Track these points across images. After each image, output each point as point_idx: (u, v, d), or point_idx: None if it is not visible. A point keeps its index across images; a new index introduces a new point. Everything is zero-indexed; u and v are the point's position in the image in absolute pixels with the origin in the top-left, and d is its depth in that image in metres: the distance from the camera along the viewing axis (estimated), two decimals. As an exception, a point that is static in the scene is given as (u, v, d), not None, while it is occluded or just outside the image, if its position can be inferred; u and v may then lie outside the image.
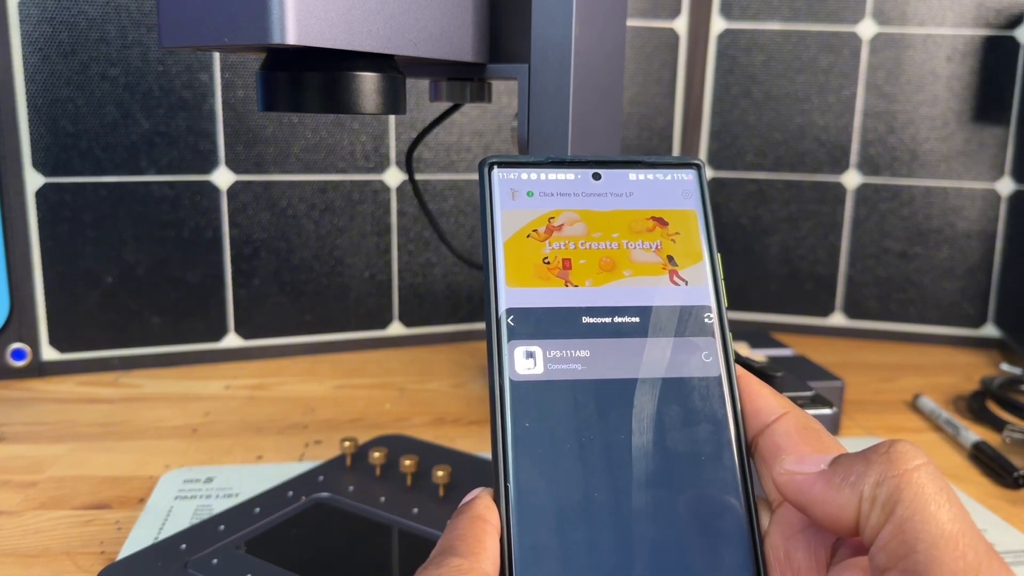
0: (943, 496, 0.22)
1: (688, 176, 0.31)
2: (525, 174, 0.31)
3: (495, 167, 0.30)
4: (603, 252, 0.30)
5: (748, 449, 0.28)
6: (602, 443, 0.27)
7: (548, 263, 0.29)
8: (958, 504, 0.22)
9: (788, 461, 0.26)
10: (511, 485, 0.26)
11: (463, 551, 0.25)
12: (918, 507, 0.21)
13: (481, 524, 0.25)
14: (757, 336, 0.81)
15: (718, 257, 0.30)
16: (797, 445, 0.27)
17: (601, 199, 0.31)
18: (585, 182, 0.31)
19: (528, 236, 0.30)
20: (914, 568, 0.21)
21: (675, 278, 0.30)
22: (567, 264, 0.30)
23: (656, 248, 0.30)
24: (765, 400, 0.28)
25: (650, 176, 0.31)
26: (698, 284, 0.30)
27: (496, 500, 0.26)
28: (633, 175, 0.31)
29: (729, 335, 0.29)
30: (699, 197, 0.31)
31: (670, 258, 0.30)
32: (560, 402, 0.28)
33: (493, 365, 0.28)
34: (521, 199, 0.30)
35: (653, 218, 0.31)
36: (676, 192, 0.31)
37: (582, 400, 0.28)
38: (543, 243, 0.30)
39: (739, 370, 0.29)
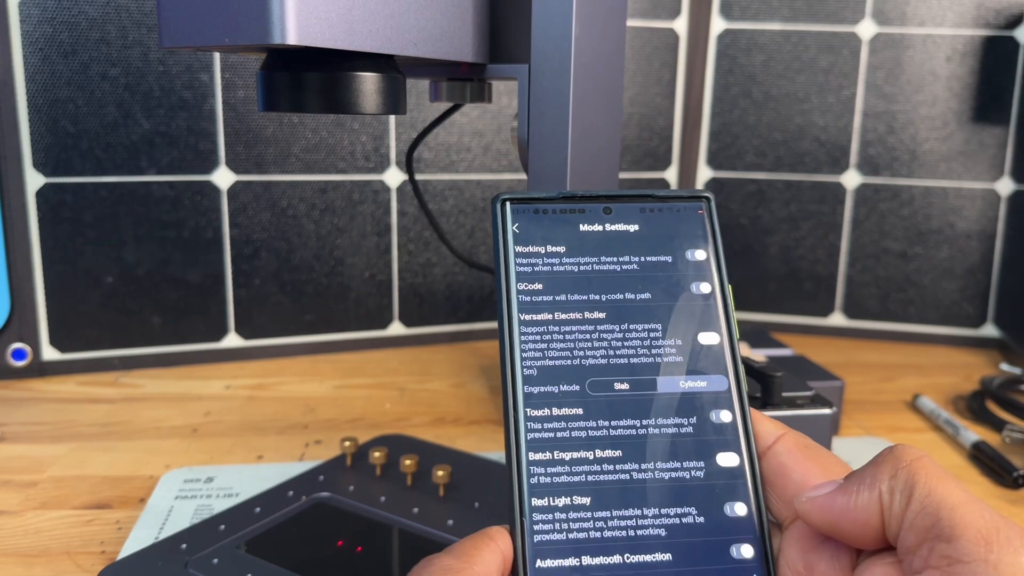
0: (949, 475, 0.24)
1: (697, 210, 0.32)
2: (537, 209, 0.31)
3: (508, 203, 0.31)
4: None
5: (759, 471, 0.29)
6: (614, 472, 0.28)
7: None
8: (962, 483, 0.24)
9: (805, 492, 0.26)
10: (526, 520, 0.27)
11: (456, 553, 0.26)
12: (934, 484, 0.23)
13: (485, 539, 0.26)
14: (757, 336, 0.81)
15: (729, 289, 0.31)
16: (802, 462, 0.28)
17: (612, 233, 0.32)
18: (596, 216, 0.31)
19: None
20: (942, 533, 0.23)
21: None
22: None
23: None
24: (761, 424, 0.29)
25: (660, 209, 0.32)
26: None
27: (512, 533, 0.27)
28: (642, 208, 0.32)
29: (741, 367, 0.30)
30: (709, 230, 0.32)
31: None
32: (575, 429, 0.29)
33: (507, 399, 0.28)
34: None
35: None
36: (686, 225, 0.32)
37: (593, 434, 0.28)
38: None
39: None
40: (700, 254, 0.31)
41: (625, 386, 0.29)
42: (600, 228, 0.31)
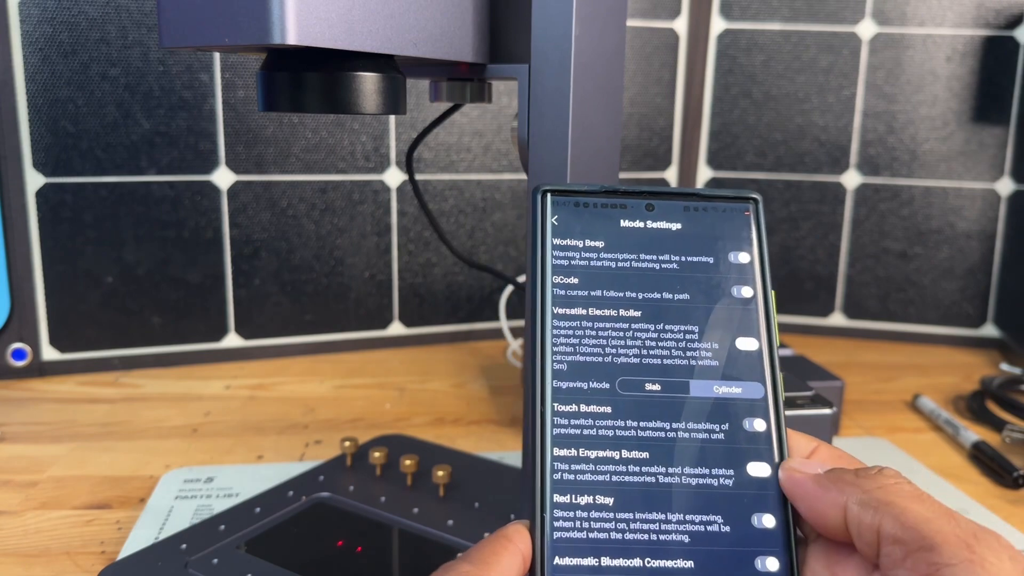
0: (924, 495, 0.26)
1: (743, 211, 0.31)
2: (577, 203, 0.30)
3: (548, 195, 0.30)
4: None
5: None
6: (639, 474, 0.27)
7: None
8: (936, 500, 0.26)
9: (794, 460, 0.28)
10: (547, 515, 0.26)
11: (475, 559, 0.25)
12: (909, 502, 0.25)
13: (503, 542, 0.26)
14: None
15: (772, 294, 0.30)
16: None
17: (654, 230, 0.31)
18: (638, 212, 0.30)
19: None
20: (924, 543, 0.24)
21: None
22: None
23: None
24: (795, 439, 0.29)
25: (704, 209, 0.31)
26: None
27: (531, 530, 0.26)
28: (686, 207, 0.31)
29: (780, 376, 0.29)
30: (755, 233, 0.31)
31: None
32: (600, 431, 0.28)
33: (535, 393, 0.28)
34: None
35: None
36: (731, 226, 0.31)
37: (621, 434, 0.28)
38: None
39: None
40: (744, 257, 0.30)
41: (657, 387, 0.28)
42: (641, 225, 0.30)
